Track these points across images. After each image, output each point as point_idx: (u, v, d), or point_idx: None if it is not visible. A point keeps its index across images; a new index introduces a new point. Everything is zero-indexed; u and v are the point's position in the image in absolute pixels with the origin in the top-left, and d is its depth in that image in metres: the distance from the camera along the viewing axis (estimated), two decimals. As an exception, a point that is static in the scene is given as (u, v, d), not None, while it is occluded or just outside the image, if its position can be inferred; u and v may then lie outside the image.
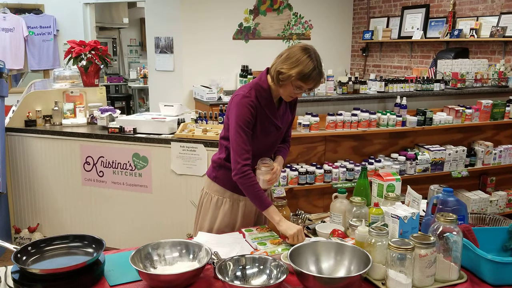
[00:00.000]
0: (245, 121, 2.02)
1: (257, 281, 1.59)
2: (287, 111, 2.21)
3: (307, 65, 1.94)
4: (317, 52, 2.01)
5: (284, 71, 1.97)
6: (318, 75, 1.98)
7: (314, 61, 1.95)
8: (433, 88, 4.04)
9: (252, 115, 2.03)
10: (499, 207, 4.20)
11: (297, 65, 1.95)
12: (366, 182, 2.13)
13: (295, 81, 1.97)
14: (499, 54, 5.21)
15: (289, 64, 1.96)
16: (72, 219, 3.88)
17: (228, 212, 2.22)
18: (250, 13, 6.67)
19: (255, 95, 2.06)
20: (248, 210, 2.25)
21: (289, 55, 1.98)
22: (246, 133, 2.02)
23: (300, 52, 1.97)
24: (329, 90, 3.70)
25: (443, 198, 1.80)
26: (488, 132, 4.21)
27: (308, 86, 2.00)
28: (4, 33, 6.76)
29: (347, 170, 3.61)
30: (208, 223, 2.25)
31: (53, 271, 1.54)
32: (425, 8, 6.18)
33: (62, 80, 4.44)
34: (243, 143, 2.02)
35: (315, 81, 1.99)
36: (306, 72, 1.94)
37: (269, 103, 2.08)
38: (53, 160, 3.83)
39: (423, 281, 1.56)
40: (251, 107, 2.03)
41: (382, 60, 7.06)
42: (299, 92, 2.03)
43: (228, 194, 2.22)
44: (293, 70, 1.95)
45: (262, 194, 2.02)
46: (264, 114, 2.08)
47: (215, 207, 2.24)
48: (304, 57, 1.96)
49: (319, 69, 1.97)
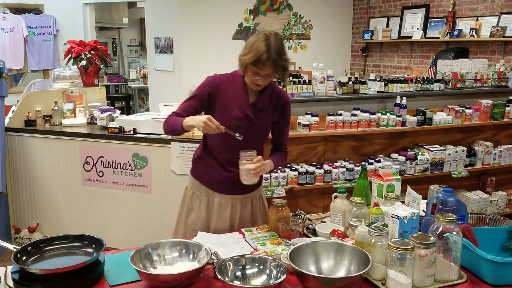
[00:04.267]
0: (198, 92, 2.10)
1: (257, 281, 1.58)
2: (272, 111, 2.16)
3: (259, 50, 1.93)
4: (279, 39, 1.99)
5: (240, 57, 2.00)
6: (269, 60, 1.93)
7: (267, 46, 1.93)
8: (433, 88, 4.04)
9: (207, 92, 2.08)
10: (499, 207, 4.20)
11: (250, 51, 1.96)
12: (366, 182, 2.13)
13: (249, 66, 1.97)
14: (499, 54, 5.21)
15: (243, 50, 1.99)
16: (72, 219, 3.88)
17: (204, 208, 2.22)
18: (250, 13, 6.67)
19: (227, 77, 2.12)
20: (222, 209, 2.22)
21: (247, 42, 2.01)
22: (191, 101, 2.11)
23: (255, 37, 1.98)
24: (329, 90, 3.70)
25: (443, 198, 1.80)
26: (488, 132, 4.21)
27: (263, 71, 1.96)
28: (4, 33, 6.76)
29: (347, 170, 3.61)
30: (184, 217, 2.27)
31: (53, 271, 1.54)
32: (425, 8, 6.18)
33: (62, 80, 4.44)
34: (184, 105, 2.12)
35: (269, 67, 1.95)
36: (256, 57, 1.93)
37: (238, 89, 2.09)
38: (53, 160, 3.83)
39: (423, 281, 1.56)
40: (211, 85, 2.09)
41: (382, 60, 7.06)
42: (258, 78, 2.00)
43: (203, 189, 2.23)
44: (246, 56, 1.96)
45: (176, 120, 2.04)
46: (231, 97, 2.09)
47: (190, 201, 2.26)
48: (257, 42, 1.95)
49: (270, 54, 1.92)
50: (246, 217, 2.26)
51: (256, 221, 2.29)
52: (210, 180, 2.21)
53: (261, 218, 2.31)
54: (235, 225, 2.22)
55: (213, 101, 2.10)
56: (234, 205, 2.23)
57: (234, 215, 2.23)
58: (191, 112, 2.10)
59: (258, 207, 2.31)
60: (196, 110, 2.12)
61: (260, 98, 2.13)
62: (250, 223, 2.26)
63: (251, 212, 2.27)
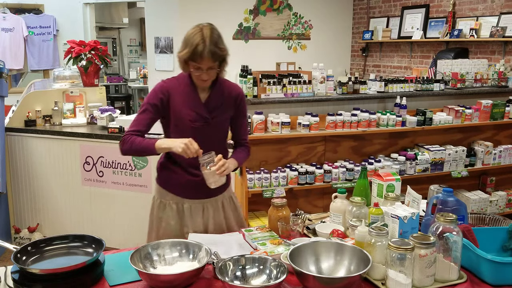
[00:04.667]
0: (149, 102, 2.02)
1: (257, 281, 1.58)
2: (226, 107, 2.10)
3: (193, 43, 1.88)
4: (213, 29, 1.94)
5: (178, 55, 1.96)
6: (205, 51, 1.87)
7: (202, 37, 1.88)
8: (433, 88, 4.03)
9: (158, 99, 2.01)
10: (498, 207, 4.20)
11: (186, 46, 1.91)
12: (366, 182, 2.13)
13: (189, 62, 1.93)
14: (499, 54, 5.21)
15: (180, 48, 1.95)
16: (72, 219, 3.88)
17: (174, 215, 2.14)
18: (250, 13, 6.67)
19: (174, 80, 2.06)
20: (194, 214, 2.15)
21: (183, 39, 1.96)
22: (146, 113, 2.02)
23: (190, 32, 1.93)
24: (329, 90, 3.70)
25: (443, 198, 1.80)
26: (488, 132, 4.21)
27: (203, 65, 1.91)
28: (4, 33, 6.76)
29: (347, 170, 3.61)
30: (155, 227, 2.18)
31: (53, 271, 1.54)
32: (425, 8, 6.18)
33: (62, 80, 4.44)
34: (138, 119, 2.03)
35: (208, 58, 1.89)
36: (193, 51, 1.88)
37: (188, 90, 2.04)
38: (53, 160, 3.83)
39: (423, 281, 1.56)
40: (160, 92, 2.02)
41: (382, 60, 7.06)
42: (201, 73, 1.94)
43: (170, 197, 2.15)
44: (183, 52, 1.92)
45: (144, 142, 1.98)
46: (182, 100, 2.03)
47: (158, 210, 2.18)
48: (191, 36, 1.91)
49: (205, 45, 1.87)
50: (220, 220, 2.19)
51: (230, 223, 2.23)
52: (176, 187, 2.13)
53: (234, 219, 2.25)
54: (209, 229, 2.16)
55: (167, 107, 2.03)
56: (206, 209, 2.17)
57: (207, 220, 2.17)
58: (150, 125, 2.04)
59: (230, 209, 2.25)
60: (153, 120, 2.06)
61: (211, 95, 2.07)
62: (224, 225, 2.21)
63: (223, 215, 2.21)
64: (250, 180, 3.36)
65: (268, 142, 3.51)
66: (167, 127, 2.12)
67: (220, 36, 1.96)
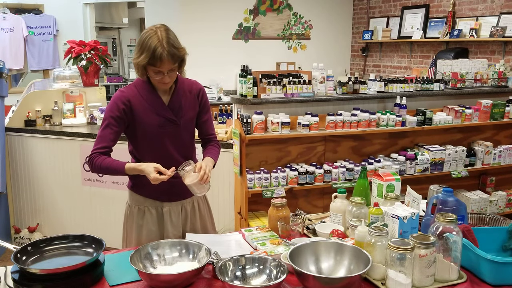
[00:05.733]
0: (110, 115, 1.94)
1: (257, 281, 1.59)
2: (190, 105, 2.07)
3: (151, 47, 1.81)
4: (168, 29, 1.88)
5: (134, 62, 1.89)
6: (164, 53, 1.81)
7: (158, 40, 1.81)
8: (432, 88, 4.03)
9: (120, 110, 1.93)
10: (498, 207, 4.20)
11: (143, 50, 1.83)
12: (366, 182, 2.13)
13: (148, 67, 1.87)
14: (499, 54, 5.21)
15: (135, 54, 1.88)
16: (72, 219, 3.88)
17: (154, 221, 2.11)
18: (250, 13, 6.67)
19: (132, 88, 1.98)
20: (174, 216, 2.13)
21: (137, 44, 1.89)
22: (110, 127, 1.94)
23: (143, 36, 1.85)
24: (328, 90, 3.70)
25: (443, 198, 1.80)
26: (487, 132, 4.21)
27: (163, 68, 1.85)
28: (4, 33, 6.76)
29: (347, 170, 3.61)
30: (135, 234, 2.13)
31: (53, 271, 1.54)
32: (424, 8, 6.18)
33: (62, 80, 4.44)
34: (103, 135, 1.95)
35: (168, 61, 1.83)
36: (151, 55, 1.81)
37: (149, 95, 1.97)
38: (53, 160, 3.83)
39: (423, 281, 1.56)
40: (121, 102, 1.94)
41: (382, 60, 7.06)
42: (162, 76, 1.88)
43: (149, 202, 2.11)
44: (140, 57, 1.84)
45: (112, 163, 1.93)
46: (146, 106, 1.97)
47: (137, 218, 2.12)
48: (146, 40, 1.83)
49: (163, 47, 1.81)
50: (195, 220, 2.19)
51: (205, 223, 2.22)
52: (153, 191, 2.06)
53: (208, 218, 2.25)
54: (187, 230, 2.15)
55: (130, 116, 1.97)
56: (184, 209, 2.15)
57: (184, 221, 2.16)
58: (116, 139, 1.98)
59: (205, 209, 2.24)
60: (118, 134, 1.99)
61: (174, 97, 2.02)
62: (199, 225, 2.20)
63: (199, 214, 2.21)
64: (250, 180, 3.36)
65: (268, 142, 3.51)
66: (134, 137, 2.05)
67: (175, 36, 1.91)
